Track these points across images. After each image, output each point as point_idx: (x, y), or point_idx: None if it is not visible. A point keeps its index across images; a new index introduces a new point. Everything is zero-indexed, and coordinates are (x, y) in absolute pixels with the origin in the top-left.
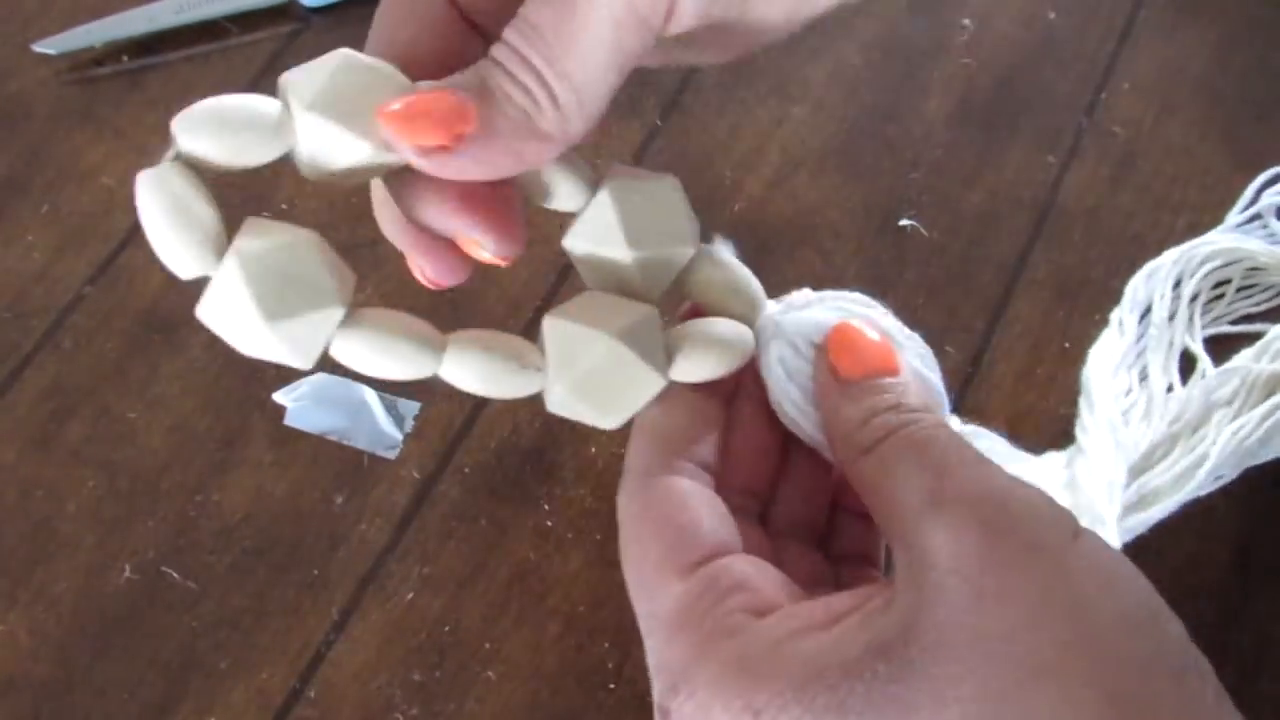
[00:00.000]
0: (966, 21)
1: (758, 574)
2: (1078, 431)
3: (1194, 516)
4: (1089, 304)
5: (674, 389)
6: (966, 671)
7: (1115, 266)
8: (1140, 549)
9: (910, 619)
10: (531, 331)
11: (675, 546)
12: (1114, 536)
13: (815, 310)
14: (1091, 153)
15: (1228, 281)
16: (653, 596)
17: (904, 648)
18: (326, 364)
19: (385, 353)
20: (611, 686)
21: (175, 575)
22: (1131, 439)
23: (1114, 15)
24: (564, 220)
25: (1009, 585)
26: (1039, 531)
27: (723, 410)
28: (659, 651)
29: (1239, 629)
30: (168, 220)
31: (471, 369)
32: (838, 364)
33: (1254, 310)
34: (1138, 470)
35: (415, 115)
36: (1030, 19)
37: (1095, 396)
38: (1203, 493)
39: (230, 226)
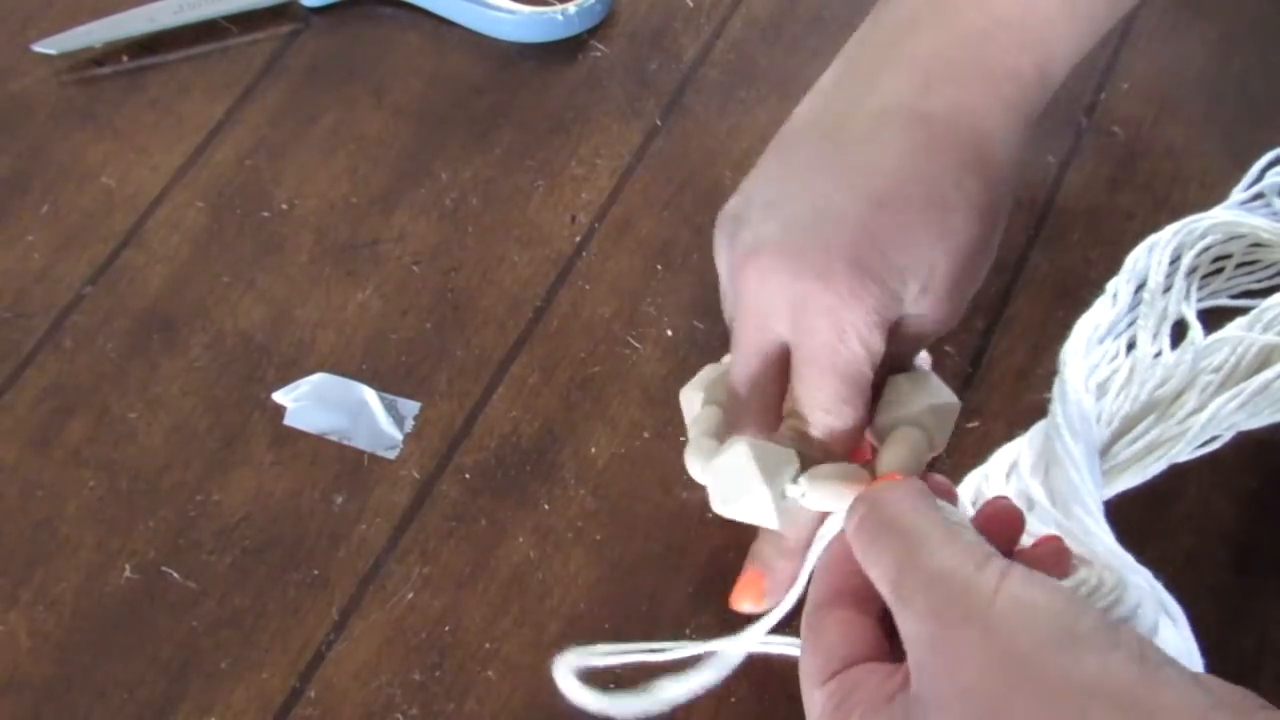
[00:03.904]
0: None
1: (870, 676)
2: (1052, 403)
3: (1194, 515)
4: (1089, 304)
5: (842, 539)
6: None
7: (1115, 266)
8: (1141, 549)
9: (913, 689)
10: (532, 331)
11: (817, 663)
12: (1093, 507)
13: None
14: (1091, 153)
15: (1228, 257)
16: (808, 702)
17: (921, 712)
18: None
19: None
20: (612, 686)
21: (175, 575)
22: (1109, 407)
23: None
24: (563, 219)
25: (956, 658)
26: (966, 608)
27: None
28: None
29: (1239, 629)
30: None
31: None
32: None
33: (1254, 287)
34: (1116, 435)
35: None
36: None
37: (1069, 367)
38: (1182, 459)
39: (228, 228)
